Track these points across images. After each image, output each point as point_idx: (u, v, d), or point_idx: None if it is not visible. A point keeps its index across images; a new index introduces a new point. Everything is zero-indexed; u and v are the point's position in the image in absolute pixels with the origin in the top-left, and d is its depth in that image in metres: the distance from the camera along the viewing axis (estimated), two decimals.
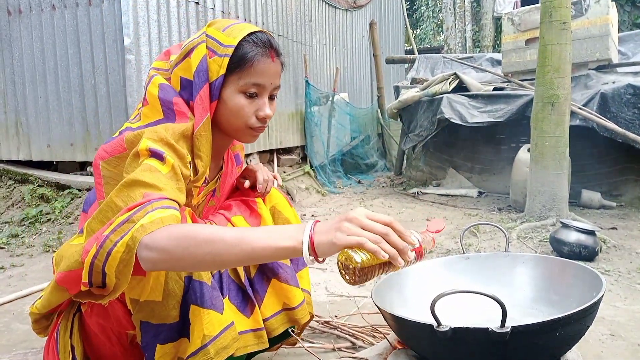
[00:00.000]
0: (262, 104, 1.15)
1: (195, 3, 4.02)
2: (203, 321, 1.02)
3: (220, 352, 1.04)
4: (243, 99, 1.12)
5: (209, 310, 1.03)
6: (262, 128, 1.18)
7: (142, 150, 1.00)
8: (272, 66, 1.14)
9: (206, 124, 1.11)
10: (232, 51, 1.09)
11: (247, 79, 1.11)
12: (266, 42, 1.13)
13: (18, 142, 3.98)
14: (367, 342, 1.66)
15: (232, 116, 1.14)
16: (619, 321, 1.90)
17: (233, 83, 1.12)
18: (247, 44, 1.10)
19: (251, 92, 1.12)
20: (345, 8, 7.32)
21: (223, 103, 1.13)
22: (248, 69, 1.10)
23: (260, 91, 1.14)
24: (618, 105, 3.87)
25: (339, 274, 0.91)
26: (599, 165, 4.46)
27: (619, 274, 2.47)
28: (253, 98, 1.14)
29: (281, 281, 1.30)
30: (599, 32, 4.35)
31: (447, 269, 1.57)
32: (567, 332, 1.06)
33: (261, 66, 1.11)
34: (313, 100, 5.98)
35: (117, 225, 0.87)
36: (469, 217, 4.02)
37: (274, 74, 1.15)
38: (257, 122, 1.16)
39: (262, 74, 1.12)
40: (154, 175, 0.96)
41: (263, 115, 1.15)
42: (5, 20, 3.84)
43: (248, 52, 1.10)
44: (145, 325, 1.02)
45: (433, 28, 16.84)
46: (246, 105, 1.13)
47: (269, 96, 1.17)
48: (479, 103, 4.65)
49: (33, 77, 3.82)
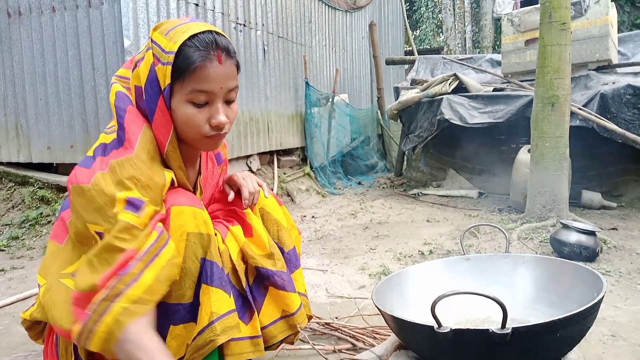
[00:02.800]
0: (215, 110, 1.07)
1: (195, 5, 4.02)
2: (211, 299, 1.04)
3: (226, 331, 1.05)
4: (191, 108, 1.05)
5: (217, 289, 1.05)
6: (219, 136, 1.11)
7: (119, 199, 0.98)
8: (220, 69, 1.05)
9: (174, 137, 1.08)
10: (174, 58, 1.03)
11: (191, 86, 1.04)
12: (210, 44, 1.04)
13: (18, 144, 3.98)
14: (368, 343, 1.66)
15: (184, 126, 1.07)
16: (620, 322, 1.89)
17: (179, 92, 1.05)
18: (188, 49, 1.03)
19: (199, 100, 1.05)
20: (344, 9, 7.33)
21: (174, 113, 1.07)
22: (191, 76, 1.03)
23: (211, 98, 1.06)
24: (618, 105, 3.87)
25: (339, 275, 0.92)
26: (599, 166, 4.46)
27: (620, 274, 2.47)
28: (203, 106, 1.07)
29: (278, 288, 1.28)
30: (598, 32, 4.35)
31: (447, 270, 1.57)
32: (568, 333, 1.06)
33: (206, 72, 1.03)
34: (313, 102, 5.98)
35: (96, 314, 0.94)
36: (470, 218, 4.01)
37: (223, 77, 1.06)
38: (212, 131, 1.08)
39: (208, 80, 1.04)
40: (130, 243, 0.97)
41: (216, 123, 1.07)
42: (5, 22, 3.84)
43: (189, 57, 1.03)
44: (160, 305, 1.03)
45: (433, 29, 16.85)
46: (195, 114, 1.06)
47: (226, 100, 1.10)
48: (479, 104, 4.65)
49: (33, 79, 3.83)
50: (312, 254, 3.13)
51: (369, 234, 3.63)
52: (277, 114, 5.43)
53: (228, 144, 1.51)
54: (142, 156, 1.03)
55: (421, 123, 5.10)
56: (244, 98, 4.73)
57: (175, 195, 1.08)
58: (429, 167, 5.70)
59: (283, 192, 5.02)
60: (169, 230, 1.03)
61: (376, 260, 2.90)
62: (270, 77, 5.26)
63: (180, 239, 1.03)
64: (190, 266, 1.04)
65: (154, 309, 0.99)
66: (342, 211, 4.56)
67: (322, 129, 6.15)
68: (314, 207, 4.92)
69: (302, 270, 1.39)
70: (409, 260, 2.89)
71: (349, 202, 5.06)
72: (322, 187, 5.64)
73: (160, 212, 1.03)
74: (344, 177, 6.36)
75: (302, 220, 4.27)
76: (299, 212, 4.62)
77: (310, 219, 4.31)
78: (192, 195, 1.12)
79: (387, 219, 4.15)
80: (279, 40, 5.46)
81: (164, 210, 1.05)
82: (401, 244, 3.27)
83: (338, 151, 6.51)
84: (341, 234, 3.66)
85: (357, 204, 4.85)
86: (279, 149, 5.51)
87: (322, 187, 5.65)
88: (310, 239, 3.58)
